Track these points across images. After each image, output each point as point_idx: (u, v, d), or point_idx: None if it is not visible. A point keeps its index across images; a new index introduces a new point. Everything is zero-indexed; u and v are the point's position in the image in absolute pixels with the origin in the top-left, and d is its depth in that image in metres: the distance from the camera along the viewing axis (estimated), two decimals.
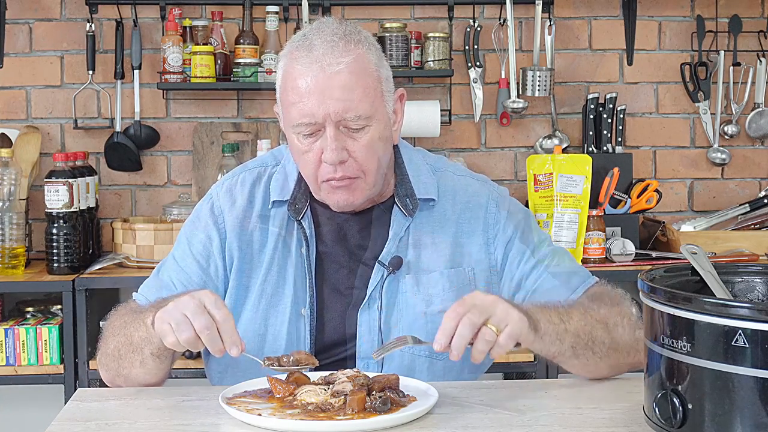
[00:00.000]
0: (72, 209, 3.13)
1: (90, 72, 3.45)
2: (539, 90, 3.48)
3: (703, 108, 3.64)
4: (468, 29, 3.53)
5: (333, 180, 1.73)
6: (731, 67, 3.61)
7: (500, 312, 1.55)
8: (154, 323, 1.61)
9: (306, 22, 3.33)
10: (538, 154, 3.46)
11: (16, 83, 3.51)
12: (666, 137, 3.68)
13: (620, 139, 3.56)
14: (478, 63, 3.54)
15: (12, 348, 3.04)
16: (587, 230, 3.24)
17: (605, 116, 3.53)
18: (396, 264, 1.80)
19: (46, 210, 3.14)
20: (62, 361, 3.05)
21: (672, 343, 1.30)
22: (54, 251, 3.13)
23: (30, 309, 3.24)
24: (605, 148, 3.54)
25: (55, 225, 3.13)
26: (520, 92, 3.50)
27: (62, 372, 3.04)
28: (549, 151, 3.50)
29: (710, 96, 3.63)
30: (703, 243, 3.22)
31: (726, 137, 3.66)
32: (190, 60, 3.38)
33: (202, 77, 3.37)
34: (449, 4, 3.54)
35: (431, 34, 3.47)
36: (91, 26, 3.44)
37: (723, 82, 3.61)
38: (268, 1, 3.46)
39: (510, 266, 1.85)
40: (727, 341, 1.24)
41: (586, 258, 3.24)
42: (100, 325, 2.88)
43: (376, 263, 1.81)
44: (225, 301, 1.75)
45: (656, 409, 1.34)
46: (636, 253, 3.26)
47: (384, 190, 1.84)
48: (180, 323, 1.56)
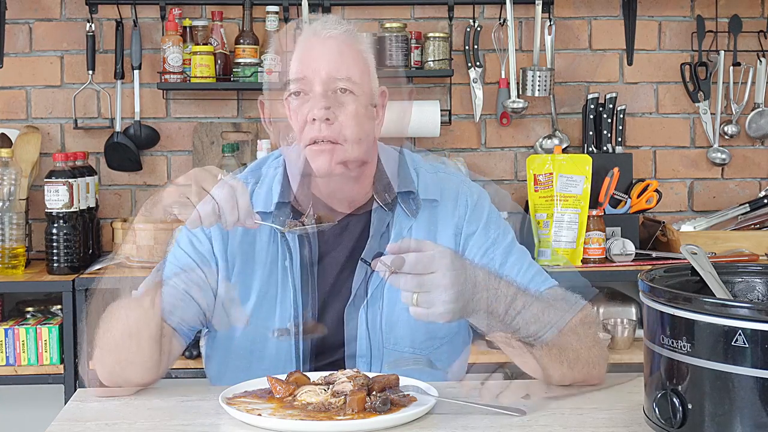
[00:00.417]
0: (72, 209, 3.13)
1: (90, 72, 3.45)
2: (539, 90, 3.48)
3: (703, 108, 3.64)
4: (468, 29, 3.53)
5: (317, 141, 1.75)
6: (731, 67, 3.61)
7: (436, 298, 1.54)
8: (163, 199, 1.61)
9: (306, 23, 3.33)
10: (538, 154, 3.46)
11: (16, 83, 3.51)
12: (666, 137, 3.68)
13: (620, 139, 3.56)
14: (478, 63, 3.54)
15: (12, 348, 3.04)
16: (587, 230, 3.24)
17: (605, 116, 3.53)
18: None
19: (46, 210, 3.14)
20: (62, 361, 3.05)
21: (672, 344, 1.30)
22: (54, 251, 3.13)
23: (30, 309, 3.24)
24: (605, 148, 3.54)
25: (55, 225, 3.13)
26: (520, 92, 3.50)
27: (62, 372, 3.05)
28: (549, 151, 3.50)
29: (710, 96, 3.63)
30: (703, 243, 3.22)
31: (726, 137, 3.66)
32: (190, 60, 3.38)
33: (202, 77, 3.37)
34: (449, 4, 3.54)
35: (431, 34, 3.46)
36: (91, 26, 3.44)
37: (723, 82, 3.61)
38: (268, 1, 3.46)
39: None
40: (727, 341, 1.24)
41: (586, 258, 3.23)
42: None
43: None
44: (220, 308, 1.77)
45: (656, 410, 1.34)
46: (636, 253, 3.26)
47: (384, 190, 1.85)
48: (200, 194, 1.58)
